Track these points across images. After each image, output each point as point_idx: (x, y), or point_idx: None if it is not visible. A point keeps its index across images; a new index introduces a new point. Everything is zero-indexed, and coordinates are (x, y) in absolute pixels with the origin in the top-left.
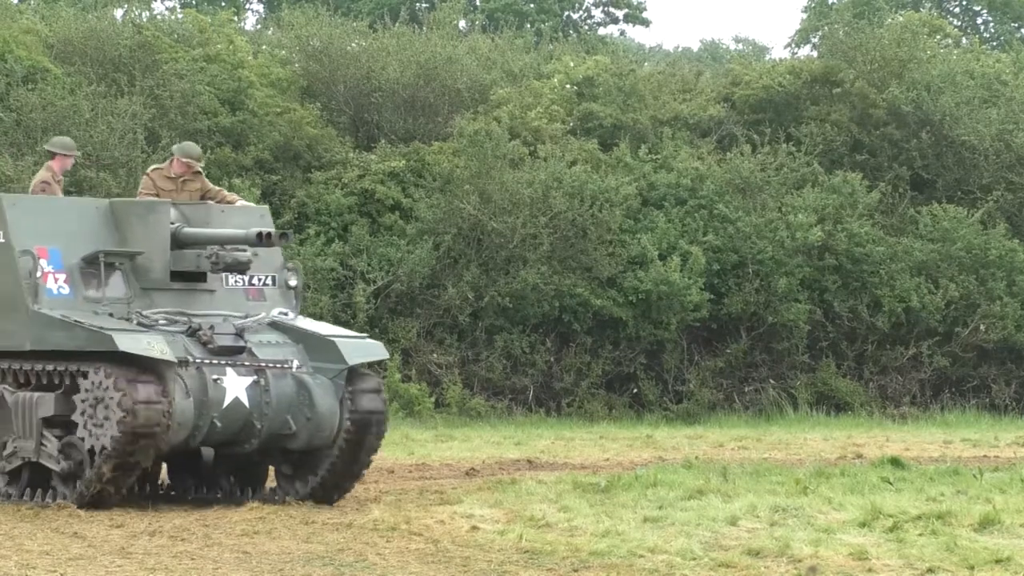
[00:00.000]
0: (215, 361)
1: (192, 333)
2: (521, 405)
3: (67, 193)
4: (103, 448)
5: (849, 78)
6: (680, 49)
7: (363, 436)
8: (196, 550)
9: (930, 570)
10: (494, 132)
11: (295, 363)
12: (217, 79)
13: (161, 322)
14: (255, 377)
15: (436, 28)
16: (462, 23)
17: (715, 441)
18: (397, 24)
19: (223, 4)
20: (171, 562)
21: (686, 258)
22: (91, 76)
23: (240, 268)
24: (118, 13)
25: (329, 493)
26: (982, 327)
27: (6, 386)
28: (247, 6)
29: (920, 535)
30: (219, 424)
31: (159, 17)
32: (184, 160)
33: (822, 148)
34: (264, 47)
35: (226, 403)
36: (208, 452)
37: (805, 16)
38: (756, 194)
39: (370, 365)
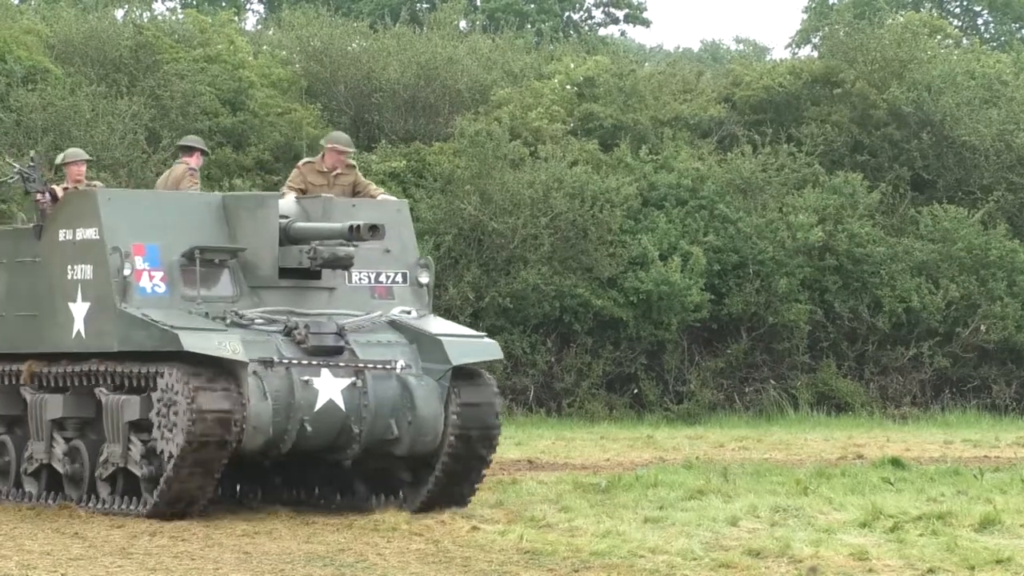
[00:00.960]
0: (306, 361)
1: (288, 332)
2: (522, 405)
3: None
4: (171, 454)
5: (850, 78)
6: (680, 49)
7: (468, 442)
8: (197, 550)
9: (931, 570)
10: (495, 132)
11: (399, 364)
12: (218, 79)
13: (258, 321)
14: (353, 379)
15: (436, 28)
16: (462, 23)
17: (716, 441)
18: (397, 24)
19: (223, 4)
20: (172, 562)
21: (687, 258)
22: (91, 76)
23: (341, 264)
24: (119, 13)
25: (443, 502)
26: (983, 327)
27: (102, 389)
28: (247, 6)
29: (921, 535)
30: (310, 428)
31: (160, 17)
32: (335, 148)
33: (823, 148)
34: (265, 47)
35: (318, 406)
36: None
37: (806, 16)
38: (757, 194)
39: (487, 367)
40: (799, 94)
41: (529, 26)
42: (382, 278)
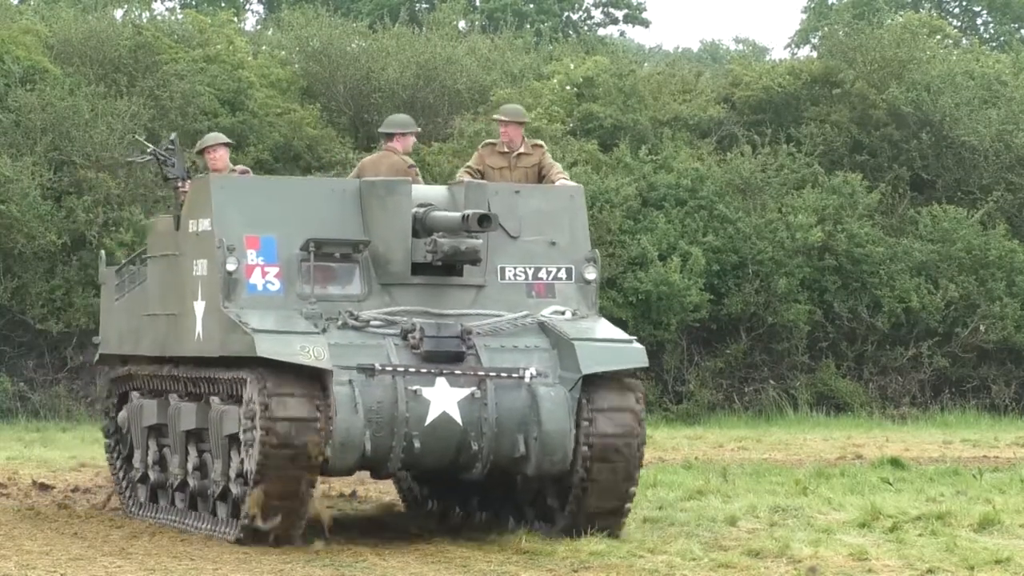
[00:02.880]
0: (416, 369)
1: (404, 336)
2: None
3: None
4: (250, 473)
5: (849, 79)
6: (680, 50)
7: (601, 462)
8: (196, 550)
9: (930, 571)
10: (494, 132)
11: (530, 372)
12: (217, 80)
13: (374, 323)
14: (473, 389)
15: (436, 29)
16: (462, 24)
17: (715, 442)
18: (397, 25)
19: (223, 4)
20: (171, 563)
21: (686, 259)
22: (91, 76)
23: (464, 259)
24: (118, 13)
25: (589, 528)
26: (982, 327)
27: (215, 398)
28: (247, 7)
29: (920, 535)
30: (419, 445)
31: (159, 18)
32: (507, 121)
33: (822, 149)
34: (264, 47)
35: (429, 420)
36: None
37: (805, 17)
38: (756, 195)
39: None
40: (798, 94)
41: (528, 26)
42: (542, 274)
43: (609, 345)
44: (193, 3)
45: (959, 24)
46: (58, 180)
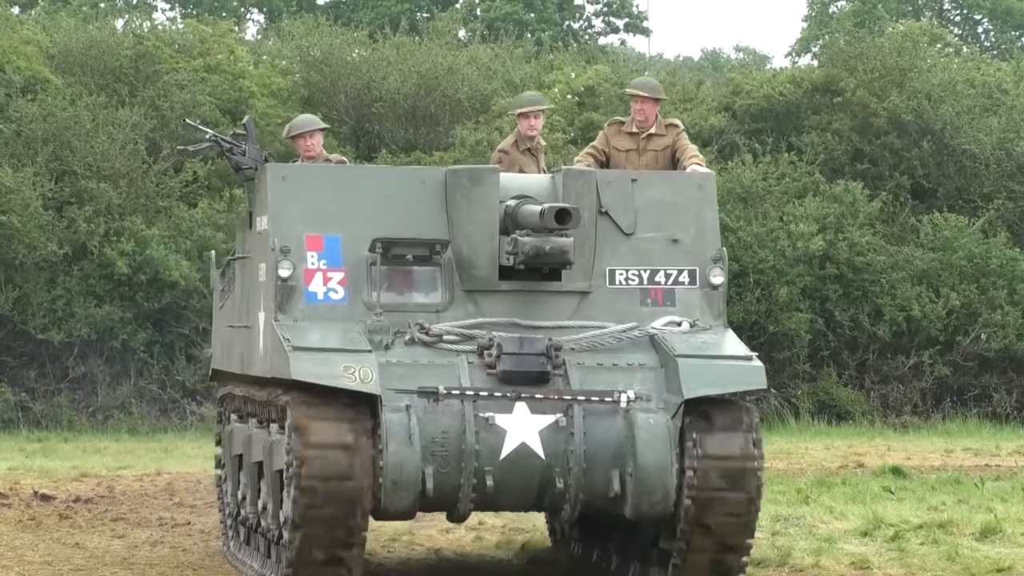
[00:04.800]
0: (491, 393)
1: (481, 353)
2: None
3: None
4: (287, 516)
5: (850, 87)
6: (681, 58)
7: (708, 505)
8: (197, 560)
9: None
10: (496, 141)
11: (627, 395)
12: (218, 89)
13: (448, 337)
14: (557, 416)
15: (436, 38)
16: (462, 33)
17: None
18: (397, 34)
19: (224, 14)
20: (172, 572)
21: None
22: (91, 87)
23: (549, 261)
24: (119, 23)
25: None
26: (983, 336)
27: (274, 427)
28: (248, 16)
29: (921, 544)
30: (491, 482)
31: (160, 27)
32: (639, 96)
33: (823, 157)
34: (265, 57)
35: (505, 452)
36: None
37: (805, 25)
38: (757, 203)
39: (739, 398)
40: (799, 103)
41: (529, 35)
42: (660, 277)
43: (720, 363)
44: (194, 13)
45: (960, 32)
46: (59, 190)
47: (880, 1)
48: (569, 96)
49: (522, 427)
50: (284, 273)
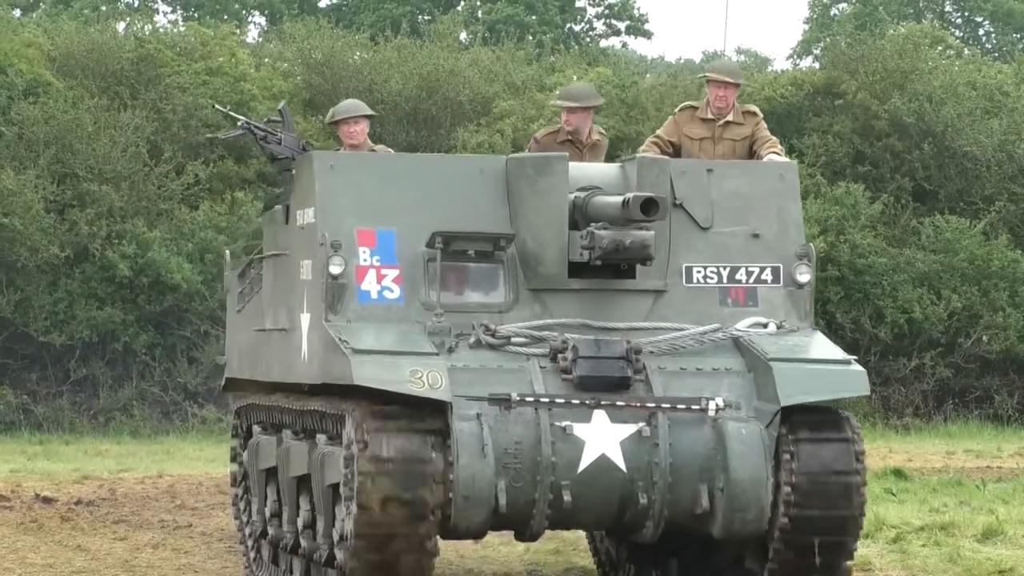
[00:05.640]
0: (568, 400)
1: (554, 357)
2: None
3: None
4: (346, 534)
5: (851, 89)
6: (682, 61)
7: (809, 523)
8: (198, 563)
9: None
10: (497, 144)
11: (715, 402)
12: (220, 92)
13: (517, 339)
14: (640, 425)
15: (437, 40)
16: (463, 35)
17: None
18: (398, 37)
19: (225, 17)
20: (174, 574)
21: None
22: (93, 89)
23: (629, 256)
24: (120, 26)
25: None
26: (985, 338)
27: (322, 437)
28: (249, 19)
29: (923, 546)
30: (569, 497)
31: (161, 30)
32: (718, 80)
33: (824, 159)
34: (266, 60)
35: (583, 465)
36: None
37: (807, 28)
38: None
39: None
40: (801, 105)
41: (530, 38)
42: (741, 275)
43: (819, 368)
44: (195, 16)
45: (961, 35)
46: (61, 193)
47: (881, 3)
48: None
49: (602, 437)
50: (335, 270)
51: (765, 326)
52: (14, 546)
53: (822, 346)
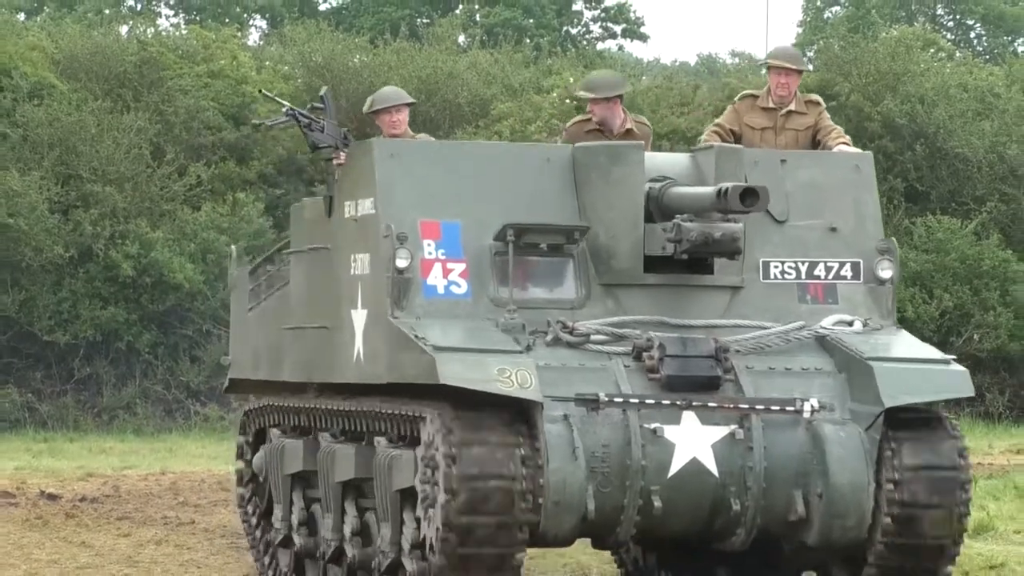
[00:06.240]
0: (658, 401)
1: (638, 356)
2: None
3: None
4: (431, 544)
5: (845, 91)
6: (677, 63)
7: (915, 527)
8: (201, 559)
9: None
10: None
11: (809, 403)
12: (221, 94)
13: (596, 337)
14: (733, 427)
15: (436, 44)
16: (462, 38)
17: None
18: (398, 40)
19: (227, 20)
20: (177, 570)
21: None
22: (97, 92)
23: (718, 250)
24: (123, 30)
25: None
26: (976, 337)
27: (380, 439)
28: (250, 22)
29: None
30: (659, 504)
31: (164, 33)
32: (779, 67)
33: None
34: (267, 63)
35: (674, 469)
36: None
37: (801, 31)
38: None
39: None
40: None
41: (528, 40)
42: (819, 271)
43: (920, 367)
44: (197, 19)
45: (953, 37)
46: (65, 194)
47: (874, 7)
48: (567, 100)
49: (692, 440)
50: (402, 263)
51: (850, 324)
52: (20, 542)
53: (917, 345)
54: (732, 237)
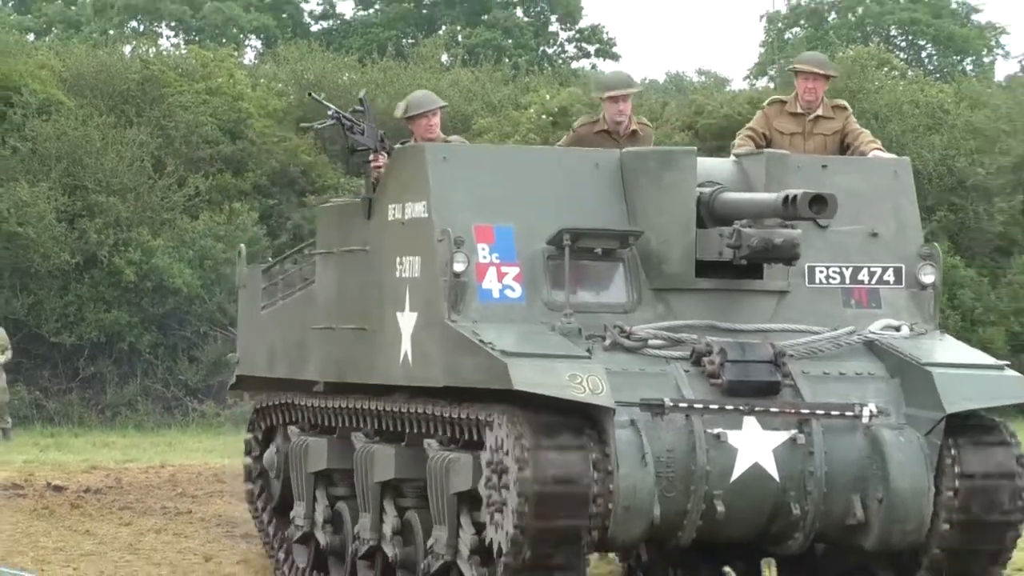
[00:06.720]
0: (721, 406)
1: (697, 361)
2: None
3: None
4: (500, 548)
5: None
6: (647, 81)
7: (973, 533)
8: (198, 546)
9: None
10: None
11: (868, 409)
12: (219, 110)
13: (654, 342)
14: (793, 432)
15: (421, 63)
16: (445, 57)
17: None
18: (385, 59)
19: (224, 40)
20: (175, 557)
21: None
22: (102, 108)
23: (779, 255)
24: (127, 49)
25: None
26: None
27: (431, 442)
28: (246, 43)
29: None
30: (722, 508)
31: (165, 53)
32: (806, 71)
33: None
34: (262, 80)
35: (736, 474)
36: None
37: (763, 50)
38: None
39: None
40: None
41: (507, 60)
42: (863, 276)
43: (976, 373)
44: (196, 39)
45: (906, 57)
46: (72, 204)
47: (832, 28)
48: (544, 116)
49: (754, 445)
50: (459, 267)
51: (898, 329)
52: (28, 531)
53: (968, 351)
54: (792, 243)
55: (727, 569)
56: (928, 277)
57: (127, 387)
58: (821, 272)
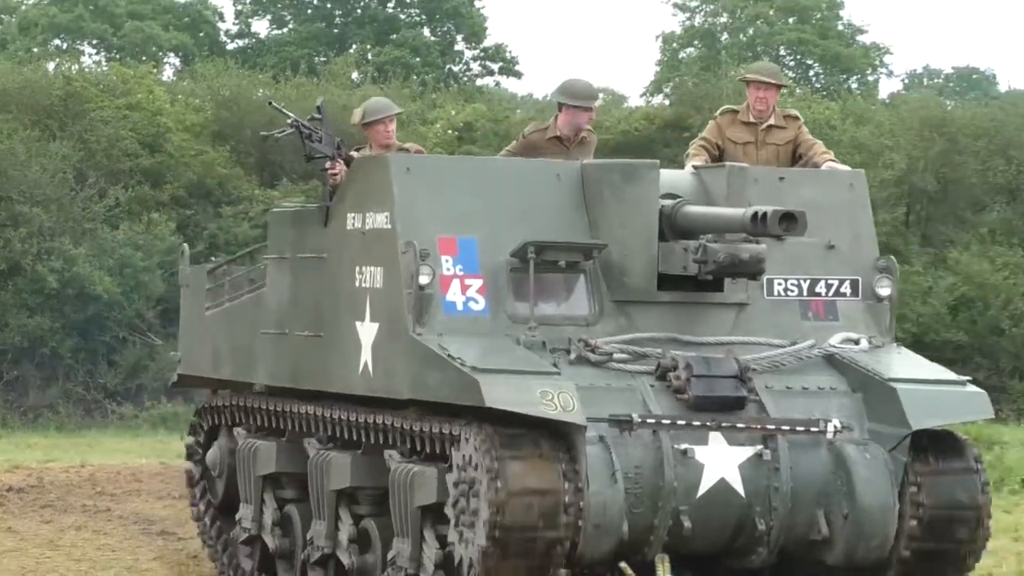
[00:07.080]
0: (686, 422)
1: (662, 375)
2: None
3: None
4: (470, 563)
5: (697, 123)
6: (547, 97)
7: (934, 552)
8: (116, 543)
9: None
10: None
11: (832, 424)
12: (138, 125)
13: (619, 356)
14: (759, 447)
15: (332, 79)
16: (355, 75)
17: None
18: (297, 76)
19: (143, 58)
20: (95, 554)
21: None
22: (26, 122)
23: (745, 270)
24: (50, 66)
25: None
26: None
27: (393, 453)
28: (165, 60)
29: None
30: (689, 524)
31: (87, 70)
32: (759, 81)
33: None
34: (180, 96)
35: (703, 490)
36: None
37: (658, 69)
38: None
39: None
40: (653, 137)
41: (415, 77)
42: (820, 288)
43: (941, 389)
44: (117, 57)
45: (794, 75)
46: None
47: (724, 48)
48: (449, 131)
49: (720, 460)
50: (425, 280)
51: (857, 342)
52: None
53: (930, 366)
54: (758, 258)
55: (623, 565)
56: (885, 289)
57: (49, 390)
58: (779, 284)
